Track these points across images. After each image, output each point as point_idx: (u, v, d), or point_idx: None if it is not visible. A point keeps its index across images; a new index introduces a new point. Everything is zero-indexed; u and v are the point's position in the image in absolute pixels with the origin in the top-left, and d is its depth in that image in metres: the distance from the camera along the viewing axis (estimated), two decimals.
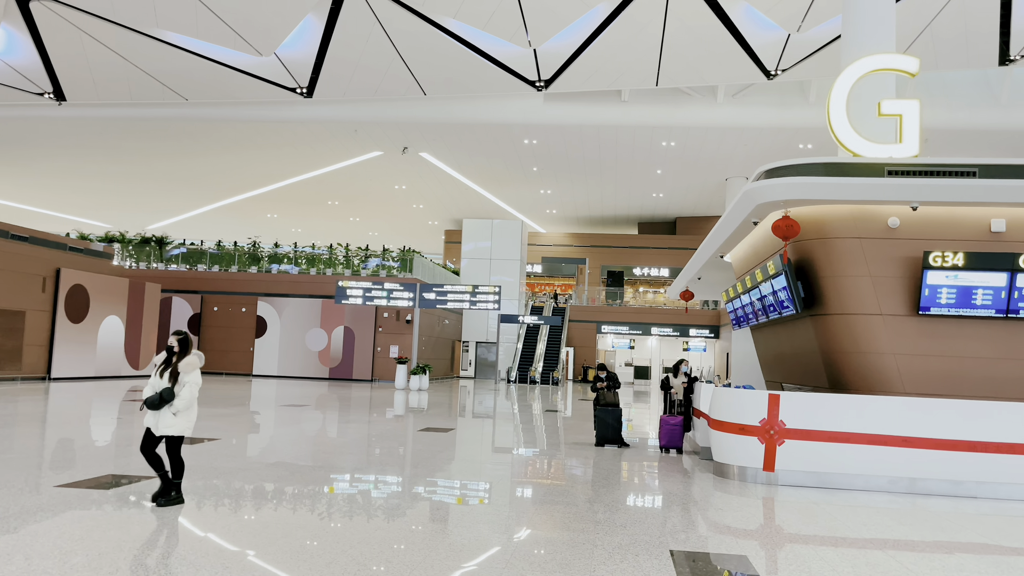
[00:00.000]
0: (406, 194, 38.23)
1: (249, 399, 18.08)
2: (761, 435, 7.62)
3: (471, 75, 22.53)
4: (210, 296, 29.12)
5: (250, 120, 27.06)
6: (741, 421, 7.73)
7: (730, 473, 7.96)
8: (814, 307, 8.58)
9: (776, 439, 7.53)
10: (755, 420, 7.65)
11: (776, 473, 7.64)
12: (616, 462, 9.31)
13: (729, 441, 7.88)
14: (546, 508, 6.39)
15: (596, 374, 11.06)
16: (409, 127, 27.93)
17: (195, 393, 6.16)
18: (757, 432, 7.65)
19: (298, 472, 7.61)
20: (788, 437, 7.54)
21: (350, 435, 11.08)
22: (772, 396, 7.55)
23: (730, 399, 8.01)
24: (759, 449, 7.62)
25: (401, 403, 18.30)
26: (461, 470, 8.36)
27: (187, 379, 6.09)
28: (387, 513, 6.12)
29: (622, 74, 22.71)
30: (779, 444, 7.53)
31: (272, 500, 6.40)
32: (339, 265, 29.94)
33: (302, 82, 22.83)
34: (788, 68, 21.80)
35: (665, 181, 34.26)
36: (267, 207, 41.48)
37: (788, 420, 7.54)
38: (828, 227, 8.19)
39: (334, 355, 28.07)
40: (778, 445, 7.52)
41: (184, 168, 33.92)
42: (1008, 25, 19.87)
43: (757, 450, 7.63)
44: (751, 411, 7.65)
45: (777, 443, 7.52)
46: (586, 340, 35.83)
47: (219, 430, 10.96)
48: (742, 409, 7.78)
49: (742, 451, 7.75)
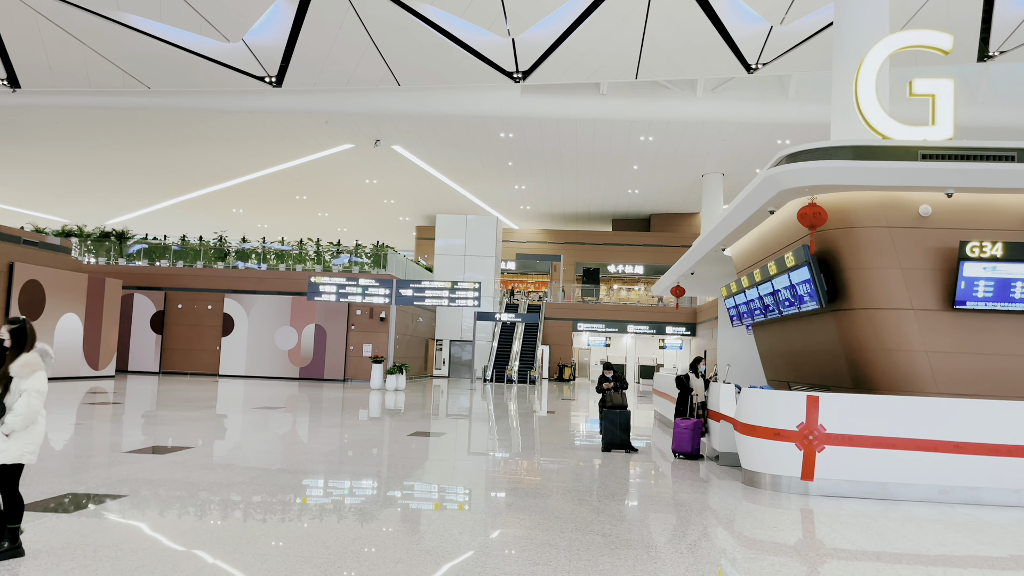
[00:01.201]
0: (377, 189, 37.40)
1: (218, 401, 17.22)
2: (799, 441, 7.04)
3: (447, 65, 21.87)
4: (174, 293, 28.03)
5: (216, 110, 26.04)
6: (776, 425, 7.14)
7: (761, 482, 7.41)
8: (836, 302, 8.08)
9: (815, 445, 6.97)
10: (792, 424, 7.07)
11: (815, 482, 7.08)
12: (630, 469, 8.71)
13: (761, 447, 7.30)
14: (561, 524, 5.81)
15: (602, 374, 10.42)
16: (382, 119, 27.16)
17: (37, 405, 4.47)
18: (794, 437, 7.07)
19: (291, 486, 6.84)
20: (828, 443, 6.96)
21: (335, 441, 10.33)
22: (811, 398, 6.99)
23: (763, 401, 7.44)
24: (796, 456, 7.05)
25: (380, 404, 17.56)
26: (466, 479, 7.70)
27: (24, 386, 4.44)
28: (409, 531, 5.49)
29: (601, 66, 22.23)
30: (819, 450, 6.97)
31: (274, 518, 5.71)
32: (309, 261, 29.02)
33: (271, 71, 21.97)
34: (769, 62, 21.53)
35: (641, 177, 33.93)
36: (233, 202, 40.33)
37: (828, 424, 6.97)
38: (854, 215, 7.69)
39: (304, 354, 27.18)
40: (817, 452, 6.96)
41: (146, 160, 32.72)
42: (990, 20, 19.78)
43: (794, 457, 7.06)
44: (787, 414, 7.07)
45: (817, 449, 6.97)
46: (562, 338, 35.35)
47: (190, 437, 10.17)
48: (777, 412, 7.20)
49: (776, 458, 7.19)
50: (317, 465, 8.25)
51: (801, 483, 7.09)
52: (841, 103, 14.68)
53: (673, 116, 26.21)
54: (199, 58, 21.28)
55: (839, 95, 14.81)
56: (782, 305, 9.15)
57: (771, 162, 7.99)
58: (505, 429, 12.91)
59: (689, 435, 9.23)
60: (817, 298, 8.05)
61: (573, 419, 15.93)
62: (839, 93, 14.81)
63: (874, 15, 14.69)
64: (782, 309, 9.21)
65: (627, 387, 10.13)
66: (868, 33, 14.82)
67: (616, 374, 10.26)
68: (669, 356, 37.88)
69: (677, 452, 9.58)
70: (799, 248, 8.15)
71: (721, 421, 8.71)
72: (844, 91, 14.82)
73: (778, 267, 8.90)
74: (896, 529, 5.92)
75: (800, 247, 8.10)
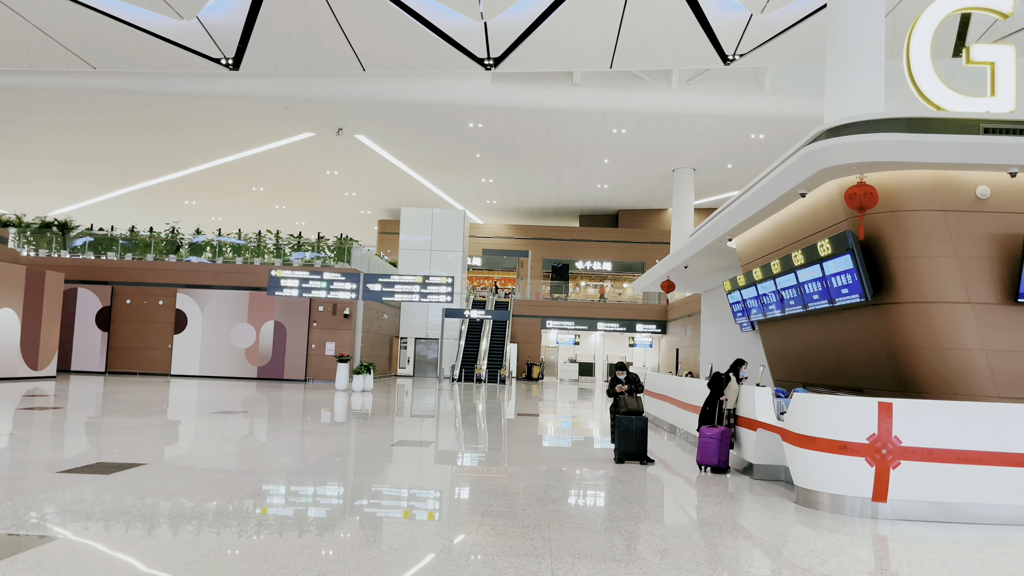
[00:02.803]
0: (338, 180, 36.09)
1: (171, 405, 15.92)
2: (870, 455, 6.04)
3: (416, 50, 20.81)
4: (122, 287, 26.38)
5: (168, 94, 24.53)
6: (841, 437, 6.18)
7: (820, 503, 6.47)
8: (880, 295, 7.27)
9: (890, 461, 6.00)
10: (861, 436, 6.10)
11: (888, 504, 6.12)
12: (655, 486, 7.76)
13: (821, 462, 6.37)
14: (600, 553, 4.92)
15: (614, 375, 9.38)
16: (345, 106, 25.96)
17: None
18: (864, 451, 6.07)
19: (275, 524, 5.58)
20: (904, 458, 5.99)
21: (313, 454, 9.14)
22: (883, 405, 6.04)
23: (824, 409, 6.48)
24: (867, 473, 6.10)
25: (350, 408, 16.42)
26: (474, 502, 6.72)
27: None
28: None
29: (576, 54, 21.42)
30: (893, 467, 6.01)
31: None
32: (268, 254, 27.61)
33: (228, 52, 20.63)
34: (746, 53, 20.98)
35: (611, 171, 33.29)
36: (185, 193, 38.58)
37: (904, 436, 6.02)
38: (903, 198, 6.89)
39: (263, 353, 25.83)
40: (892, 468, 6.01)
41: (91, 147, 30.90)
42: (968, 13, 19.51)
43: (864, 475, 6.12)
44: (855, 424, 6.12)
45: (891, 465, 6.01)
46: (530, 336, 34.50)
47: (142, 449, 8.97)
48: (842, 421, 6.27)
49: (841, 475, 6.26)
50: (301, 487, 7.19)
51: (871, 505, 6.17)
52: (835, 95, 14.10)
53: (647, 108, 25.59)
54: (150, 36, 19.85)
55: (834, 86, 14.24)
56: (807, 299, 8.36)
57: (805, 139, 7.18)
58: (499, 437, 11.91)
59: (716, 445, 8.25)
60: (861, 290, 7.22)
61: (565, 424, 15.03)
62: (834, 84, 14.24)
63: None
64: (807, 303, 8.42)
65: (642, 390, 9.20)
66: (864, 18, 14.32)
67: (630, 375, 9.26)
68: (639, 354, 37.34)
69: (703, 465, 8.55)
70: (839, 235, 7.32)
71: (759, 430, 7.79)
72: (838, 82, 14.29)
73: (806, 257, 8.08)
74: (1007, 561, 5.06)
75: (841, 233, 7.28)
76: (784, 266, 8.77)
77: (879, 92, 13.97)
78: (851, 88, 13.66)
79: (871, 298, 7.17)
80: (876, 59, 13.93)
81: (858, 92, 13.24)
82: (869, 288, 7.17)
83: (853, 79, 13.85)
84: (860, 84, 13.76)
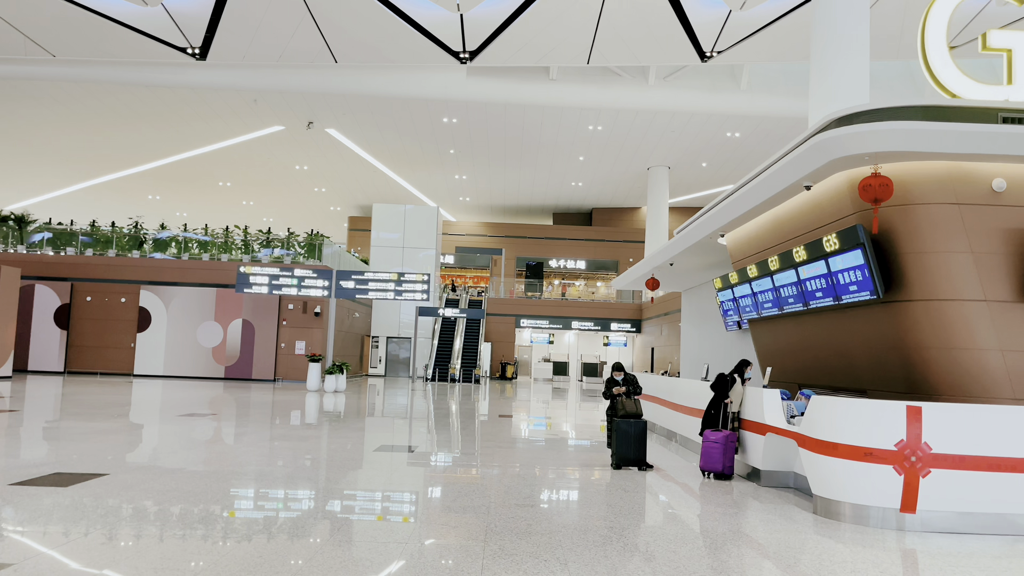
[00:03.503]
0: (308, 176, 35.36)
1: (134, 407, 15.24)
2: (899, 463, 5.64)
3: (390, 42, 20.29)
4: (82, 284, 25.44)
5: (131, 84, 23.68)
6: (867, 444, 5.78)
7: (841, 514, 6.06)
8: (890, 292, 6.97)
9: (919, 469, 5.62)
10: (889, 442, 5.71)
11: (918, 515, 5.73)
12: (659, 493, 7.37)
13: (844, 471, 5.95)
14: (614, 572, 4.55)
15: (611, 376, 8.95)
16: (316, 99, 25.32)
17: None
18: (893, 459, 5.67)
19: (259, 556, 4.93)
20: (935, 465, 5.60)
21: (292, 462, 8.56)
22: (912, 409, 5.72)
23: (846, 412, 6.04)
24: (895, 482, 5.70)
25: (324, 409, 15.85)
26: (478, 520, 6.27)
27: None
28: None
29: (553, 48, 21.07)
30: (923, 475, 5.64)
31: None
32: (236, 250, 26.83)
33: (194, 41, 19.91)
34: (724, 50, 20.84)
35: (586, 169, 33.04)
36: (149, 187, 37.52)
37: (934, 442, 5.63)
38: (916, 190, 6.58)
39: (230, 352, 25.08)
40: (922, 476, 5.63)
41: (51, 139, 29.81)
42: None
43: (892, 484, 5.71)
44: (882, 429, 5.73)
45: (921, 474, 5.63)
46: (504, 335, 34.10)
47: (102, 457, 8.39)
48: (868, 426, 5.85)
49: (867, 485, 5.84)
50: (281, 503, 6.72)
51: (898, 516, 5.77)
52: (821, 92, 13.95)
53: (624, 104, 25.38)
54: (112, 23, 19.07)
55: (818, 84, 14.09)
56: (809, 297, 8.06)
57: (813, 128, 6.85)
58: (487, 442, 11.46)
59: (720, 450, 7.84)
60: (872, 287, 6.91)
61: (552, 426, 14.63)
62: (818, 82, 14.09)
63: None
64: (808, 301, 8.12)
65: (640, 392, 8.79)
66: (847, 16, 14.19)
67: (627, 376, 8.85)
68: (612, 353, 37.16)
69: (706, 471, 8.12)
70: (848, 229, 7.00)
71: (768, 434, 7.42)
72: (823, 80, 14.15)
73: (809, 253, 7.77)
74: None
75: (851, 227, 6.97)
76: (783, 262, 8.46)
77: (863, 88, 13.86)
78: (836, 85, 13.52)
79: (883, 295, 6.88)
80: (861, 57, 13.81)
81: (844, 88, 13.10)
82: (881, 285, 6.88)
83: (838, 77, 13.72)
84: (845, 80, 13.64)
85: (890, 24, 18.87)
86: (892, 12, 18.27)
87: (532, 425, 14.60)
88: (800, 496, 7.21)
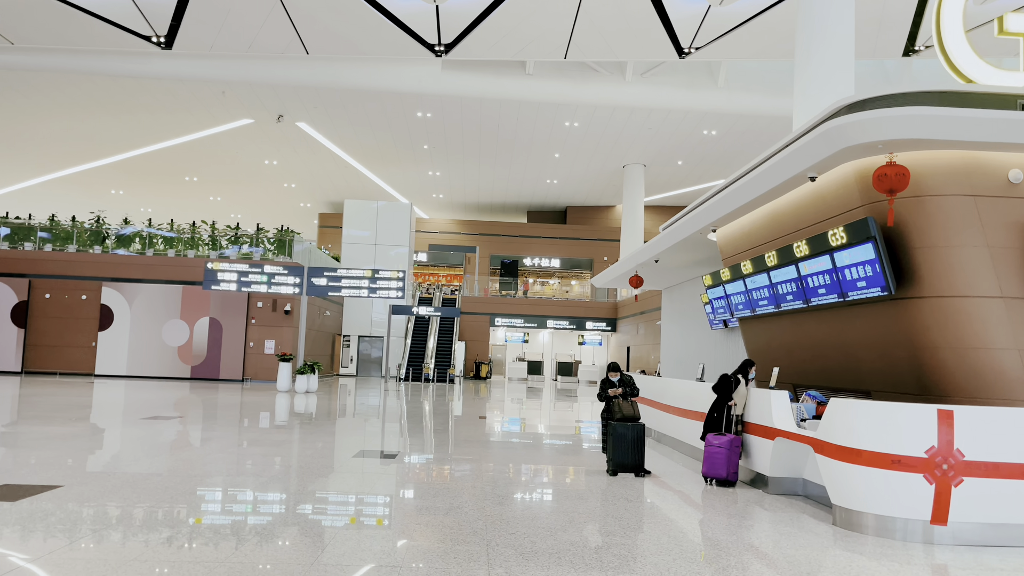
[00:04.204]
0: (277, 171, 34.58)
1: (95, 409, 14.55)
2: (930, 472, 5.28)
3: (363, 33, 19.77)
4: (41, 281, 24.48)
5: (93, 73, 22.82)
6: (895, 451, 5.40)
7: (864, 525, 5.66)
8: (901, 288, 6.67)
9: (951, 477, 5.25)
10: (919, 449, 5.36)
11: (949, 527, 5.36)
12: (663, 501, 6.96)
13: (868, 479, 5.55)
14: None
15: (606, 377, 8.50)
16: (286, 92, 24.66)
17: None
18: (923, 467, 5.31)
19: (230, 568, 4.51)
20: (967, 474, 5.23)
21: (270, 471, 7.97)
22: (943, 413, 5.37)
23: (870, 416, 5.64)
24: (925, 492, 5.34)
25: (298, 411, 15.27)
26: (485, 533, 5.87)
27: None
28: None
29: (531, 42, 20.72)
30: (955, 484, 5.26)
31: None
32: (203, 246, 26.03)
33: (160, 30, 19.19)
34: (702, 46, 20.66)
35: (562, 166, 32.74)
36: (112, 182, 36.43)
37: (967, 448, 5.27)
38: (928, 181, 6.25)
39: (197, 351, 24.31)
40: (954, 486, 5.25)
41: (6, 130, 28.69)
42: (922, 13, 19.58)
43: (922, 494, 5.35)
44: (911, 435, 5.36)
45: (953, 483, 5.26)
46: (478, 334, 33.65)
47: (59, 466, 7.81)
48: (895, 432, 5.49)
49: (894, 494, 5.47)
50: (262, 519, 6.24)
51: (927, 528, 5.40)
52: (805, 92, 13.69)
53: (601, 100, 25.11)
54: (74, 10, 18.29)
55: (803, 81, 13.85)
56: (810, 293, 7.74)
57: (820, 115, 6.51)
58: (474, 446, 10.98)
59: (725, 456, 7.41)
60: (884, 283, 6.58)
61: (539, 428, 14.21)
62: (803, 79, 13.85)
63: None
64: (810, 298, 7.80)
65: (638, 393, 8.40)
66: (831, 9, 13.98)
67: (624, 377, 8.41)
68: (587, 352, 36.92)
69: (709, 477, 7.72)
70: (858, 222, 6.68)
71: (777, 439, 7.03)
72: (807, 78, 13.91)
73: (812, 247, 7.45)
74: None
75: (861, 220, 6.64)
76: (782, 258, 8.14)
77: (849, 82, 13.66)
78: (821, 78, 13.30)
79: (894, 291, 6.56)
80: (846, 51, 13.60)
81: (831, 83, 12.88)
82: (893, 281, 6.57)
83: (823, 71, 13.50)
84: (829, 74, 13.42)
85: (867, 25, 18.85)
86: (871, 9, 18.21)
87: (516, 428, 14.21)
88: (812, 505, 6.87)
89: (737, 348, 12.37)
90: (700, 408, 8.89)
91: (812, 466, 6.95)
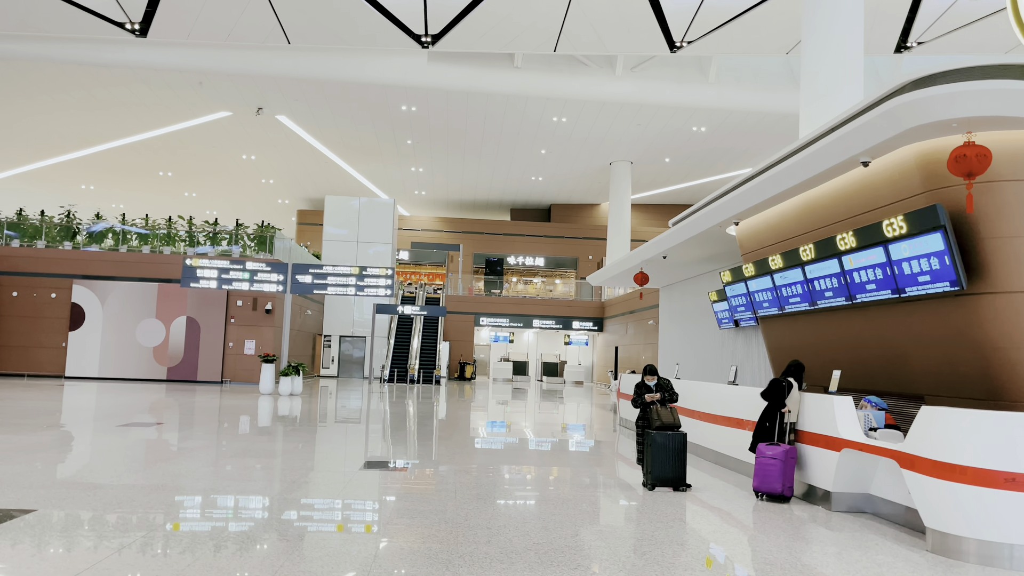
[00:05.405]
0: (255, 166, 33.69)
1: (66, 415, 13.72)
2: None
3: (347, 22, 19.09)
4: (7, 278, 23.45)
5: (64, 62, 21.88)
6: (1008, 468, 4.80)
7: (964, 552, 5.04)
8: (969, 283, 6.15)
9: None
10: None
11: None
12: (720, 521, 6.21)
13: (972, 499, 4.94)
14: None
15: (642, 380, 7.71)
16: (266, 83, 23.86)
17: None
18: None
19: None
20: None
21: (271, 488, 7.31)
22: None
23: (977, 428, 5.02)
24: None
25: (285, 416, 14.51)
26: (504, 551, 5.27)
27: None
28: None
29: (520, 34, 20.17)
30: None
31: None
32: (180, 242, 25.12)
33: (134, 16, 18.36)
34: (694, 40, 20.24)
35: (548, 163, 32.22)
36: (83, 176, 35.30)
37: None
38: (1002, 165, 5.70)
39: (173, 352, 23.42)
40: None
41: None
42: (916, 10, 19.36)
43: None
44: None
45: None
46: (463, 334, 33.01)
47: (30, 484, 7.04)
48: (1007, 446, 4.86)
49: (1004, 518, 4.84)
50: (268, 547, 5.60)
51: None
52: (811, 87, 13.26)
53: (590, 95, 24.64)
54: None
55: (809, 77, 13.41)
56: (856, 289, 7.21)
57: (886, 91, 5.92)
58: (488, 455, 10.27)
59: (780, 468, 6.72)
60: (955, 277, 6.06)
61: (549, 433, 13.47)
62: (809, 75, 13.41)
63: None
64: (855, 295, 7.28)
65: (677, 399, 7.63)
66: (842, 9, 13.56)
67: (661, 382, 7.65)
68: (573, 352, 36.43)
69: (760, 492, 7.06)
70: (923, 209, 6.14)
71: (843, 450, 6.36)
72: (814, 73, 13.48)
73: (860, 239, 6.89)
74: None
75: (927, 207, 6.07)
76: (821, 251, 7.60)
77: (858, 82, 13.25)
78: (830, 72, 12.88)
79: (966, 286, 6.03)
80: (855, 46, 13.19)
81: (839, 77, 12.45)
82: (964, 275, 6.05)
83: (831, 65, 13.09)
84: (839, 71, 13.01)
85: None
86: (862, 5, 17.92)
87: (534, 433, 13.62)
88: (885, 524, 6.17)
89: (746, 348, 11.89)
90: (737, 414, 8.25)
91: (881, 481, 6.35)
